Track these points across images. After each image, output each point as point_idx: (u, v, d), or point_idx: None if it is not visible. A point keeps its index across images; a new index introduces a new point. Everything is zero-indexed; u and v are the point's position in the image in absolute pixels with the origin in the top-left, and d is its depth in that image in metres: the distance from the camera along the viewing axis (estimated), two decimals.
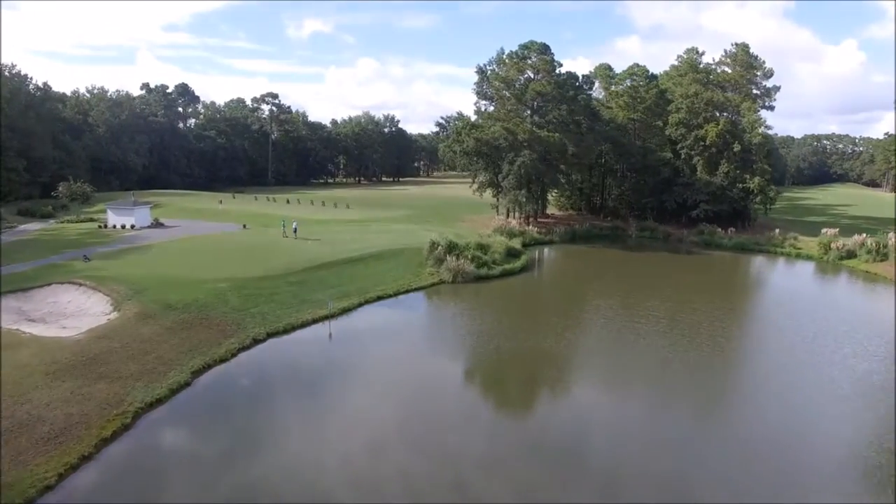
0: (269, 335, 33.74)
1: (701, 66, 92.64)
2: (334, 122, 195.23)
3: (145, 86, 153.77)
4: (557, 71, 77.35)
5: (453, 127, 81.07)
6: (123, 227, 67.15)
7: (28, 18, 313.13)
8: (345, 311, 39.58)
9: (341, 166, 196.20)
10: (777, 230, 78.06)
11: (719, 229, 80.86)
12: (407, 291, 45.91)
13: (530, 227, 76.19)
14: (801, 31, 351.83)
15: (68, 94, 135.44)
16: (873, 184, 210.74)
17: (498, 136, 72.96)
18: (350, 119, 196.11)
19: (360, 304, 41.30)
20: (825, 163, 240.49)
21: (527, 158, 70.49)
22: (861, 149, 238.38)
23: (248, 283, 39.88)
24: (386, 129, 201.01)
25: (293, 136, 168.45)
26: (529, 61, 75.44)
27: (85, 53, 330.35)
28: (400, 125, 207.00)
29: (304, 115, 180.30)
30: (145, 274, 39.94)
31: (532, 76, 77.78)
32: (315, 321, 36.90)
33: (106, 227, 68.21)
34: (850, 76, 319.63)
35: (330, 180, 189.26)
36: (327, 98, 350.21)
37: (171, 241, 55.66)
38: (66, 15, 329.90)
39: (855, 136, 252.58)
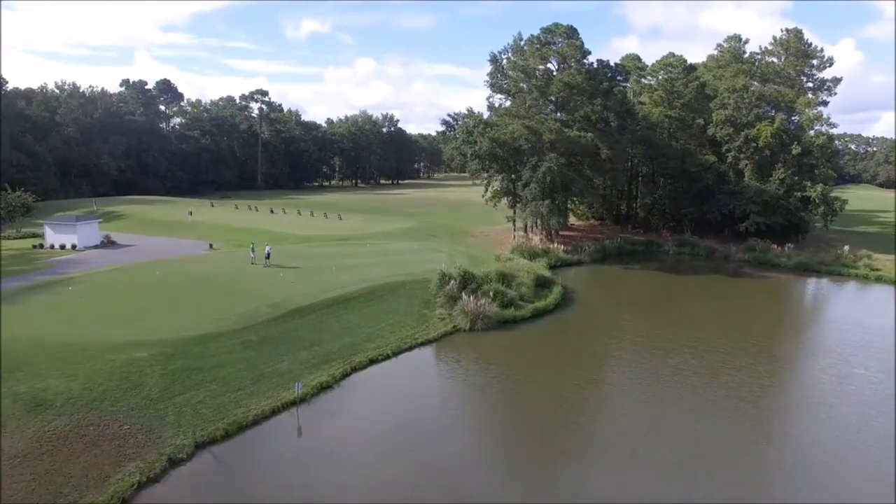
0: (200, 446, 21.65)
1: (745, 55, 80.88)
2: (329, 122, 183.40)
3: (125, 82, 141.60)
4: (586, 60, 65.28)
5: (462, 126, 68.82)
6: (63, 246, 55.08)
7: (26, 18, 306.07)
8: (322, 387, 27.46)
9: (337, 168, 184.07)
10: (847, 247, 66.12)
11: (774, 245, 68.89)
12: (410, 348, 33.76)
13: (555, 244, 64.09)
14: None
15: (35, 89, 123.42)
16: (889, 185, 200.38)
17: (518, 137, 60.84)
18: (346, 118, 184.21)
19: (346, 374, 29.17)
20: (837, 163, 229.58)
21: (553, 163, 58.38)
22: (874, 149, 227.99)
23: (182, 348, 27.75)
24: (384, 129, 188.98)
25: (285, 136, 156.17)
26: (554, 47, 63.36)
27: (83, 53, 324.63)
28: (399, 125, 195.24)
29: (297, 114, 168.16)
30: (34, 334, 27.84)
31: (555, 65, 65.80)
32: (276, 411, 24.82)
33: (43, 246, 56.12)
34: (847, 76, 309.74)
35: (325, 183, 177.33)
36: (326, 98, 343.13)
37: (107, 271, 43.55)
38: (64, 15, 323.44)
39: (868, 135, 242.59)
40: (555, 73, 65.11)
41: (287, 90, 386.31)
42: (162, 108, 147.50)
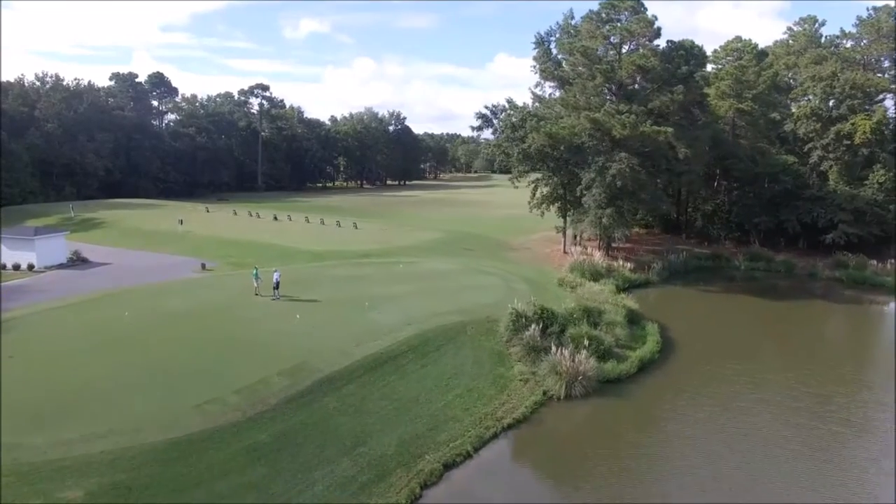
0: None
1: (822, 39, 70.39)
2: (333, 120, 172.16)
3: (114, 75, 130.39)
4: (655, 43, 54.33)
5: (505, 120, 57.83)
6: (18, 266, 43.94)
7: (26, 18, 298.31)
8: None
9: (341, 169, 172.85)
10: None
11: (873, 261, 58.22)
12: (496, 435, 22.78)
13: (620, 261, 53.26)
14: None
15: (11, 81, 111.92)
16: None
17: (579, 132, 49.93)
18: (351, 116, 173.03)
19: (414, 499, 18.20)
20: None
21: (625, 164, 47.43)
22: None
23: (147, 468, 16.79)
24: (391, 128, 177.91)
25: (286, 134, 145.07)
26: (619, 24, 52.44)
27: (83, 53, 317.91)
28: (405, 123, 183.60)
29: (299, 111, 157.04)
30: None
31: (619, 47, 54.79)
32: None
33: None
34: None
35: (328, 184, 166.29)
36: (325, 98, 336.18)
37: (60, 308, 32.44)
38: (64, 15, 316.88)
39: None
40: (612, 59, 54.08)
41: (287, 90, 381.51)
42: (154, 103, 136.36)
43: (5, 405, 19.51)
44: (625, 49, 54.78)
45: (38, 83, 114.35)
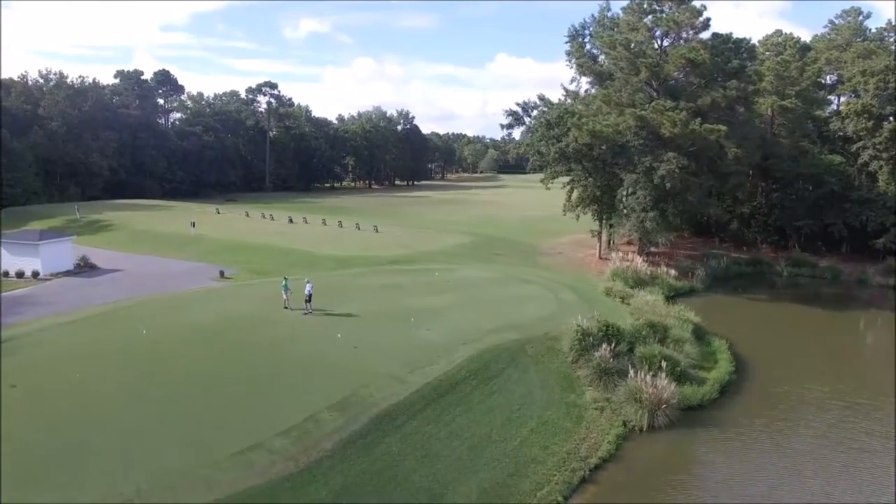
0: None
1: (869, 32, 66.92)
2: (341, 119, 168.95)
3: (119, 73, 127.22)
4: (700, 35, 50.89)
5: (539, 118, 54.40)
6: (21, 274, 40.57)
7: (26, 18, 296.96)
8: None
9: (350, 168, 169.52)
10: None
11: None
12: (583, 479, 19.38)
13: (663, 268, 49.79)
14: (797, 32, 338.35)
15: (14, 79, 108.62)
16: None
17: (623, 131, 46.50)
18: (359, 115, 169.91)
19: None
20: None
21: (673, 165, 43.97)
22: None
23: None
24: (399, 127, 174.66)
25: (294, 133, 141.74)
26: (662, 14, 49.03)
27: (83, 53, 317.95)
28: (414, 122, 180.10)
29: (307, 110, 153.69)
30: None
31: (657, 40, 51.42)
32: None
33: None
34: None
35: (336, 185, 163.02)
36: (325, 99, 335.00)
37: (67, 324, 28.88)
38: (64, 15, 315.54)
39: None
40: (656, 52, 50.65)
41: (287, 90, 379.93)
42: (160, 101, 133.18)
43: (6, 451, 16.12)
44: (666, 42, 51.54)
45: (41, 81, 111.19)
